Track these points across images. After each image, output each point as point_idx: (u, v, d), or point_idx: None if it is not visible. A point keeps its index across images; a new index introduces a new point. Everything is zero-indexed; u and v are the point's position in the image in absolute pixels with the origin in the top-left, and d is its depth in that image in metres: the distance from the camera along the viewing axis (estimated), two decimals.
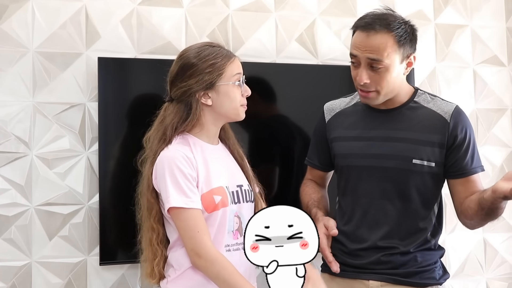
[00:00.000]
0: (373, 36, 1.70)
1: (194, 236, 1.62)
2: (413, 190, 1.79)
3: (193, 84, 1.69)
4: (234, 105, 1.72)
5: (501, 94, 2.85)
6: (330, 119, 1.92)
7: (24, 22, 2.23)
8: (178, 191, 1.62)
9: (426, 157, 1.76)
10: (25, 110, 2.21)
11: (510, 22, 2.88)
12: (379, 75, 1.72)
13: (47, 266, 2.21)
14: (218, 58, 1.70)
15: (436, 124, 1.77)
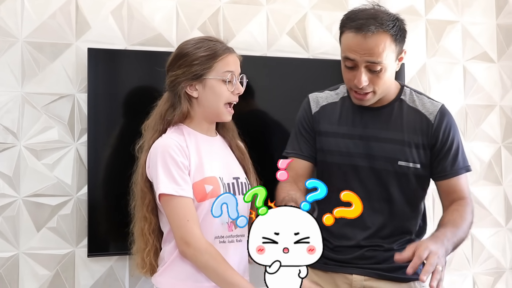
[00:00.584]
0: (371, 37, 1.65)
1: (184, 224, 1.61)
2: (398, 192, 1.79)
3: (180, 74, 1.70)
4: (217, 101, 1.71)
5: (490, 91, 2.87)
6: (317, 111, 1.88)
7: (13, 11, 2.21)
8: (169, 179, 1.62)
9: (411, 159, 1.76)
10: (13, 100, 2.20)
11: (500, 18, 2.90)
12: (377, 77, 1.70)
13: (34, 258, 2.20)
14: (209, 51, 1.70)
15: (421, 125, 1.78)
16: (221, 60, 1.70)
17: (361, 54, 1.66)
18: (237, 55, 1.77)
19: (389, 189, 1.78)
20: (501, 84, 2.89)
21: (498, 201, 2.84)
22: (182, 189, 1.62)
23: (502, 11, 2.91)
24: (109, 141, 2.26)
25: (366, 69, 1.69)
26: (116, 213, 2.23)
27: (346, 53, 1.70)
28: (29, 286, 2.18)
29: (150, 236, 1.71)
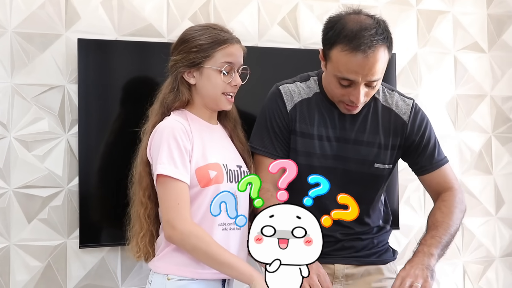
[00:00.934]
0: (372, 56, 1.59)
1: (173, 207, 1.59)
2: (372, 192, 1.83)
3: (179, 60, 1.70)
4: (214, 91, 1.69)
5: (481, 81, 2.88)
6: (292, 108, 1.80)
7: (2, 2, 2.19)
8: (169, 161, 1.59)
9: (386, 161, 1.79)
10: (3, 92, 2.18)
11: (491, 8, 2.90)
12: (373, 89, 1.69)
13: (26, 249, 2.19)
14: (210, 40, 1.67)
15: (396, 125, 1.79)
16: (221, 50, 1.67)
17: (363, 75, 1.61)
18: (240, 46, 1.73)
19: (364, 190, 1.78)
20: (491, 74, 2.90)
21: (488, 190, 2.87)
22: (180, 173, 1.60)
23: (493, 1, 2.92)
24: (100, 132, 2.26)
25: (364, 85, 1.65)
26: (107, 204, 2.28)
27: (343, 74, 1.62)
28: (21, 278, 2.18)
29: (145, 221, 1.70)
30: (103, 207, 2.26)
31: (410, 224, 2.67)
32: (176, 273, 1.64)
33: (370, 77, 1.62)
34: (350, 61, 1.60)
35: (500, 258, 2.88)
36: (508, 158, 2.91)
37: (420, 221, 2.68)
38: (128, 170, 1.86)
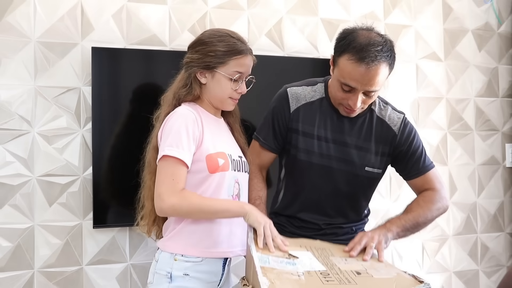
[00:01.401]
0: (373, 69, 1.58)
1: (167, 181, 1.52)
2: (362, 192, 1.83)
3: (195, 59, 1.63)
4: (221, 94, 1.65)
5: (439, 85, 2.92)
6: (296, 109, 1.79)
7: (27, 15, 2.22)
8: (177, 143, 1.53)
9: (376, 165, 1.79)
10: (27, 93, 2.21)
11: (447, 24, 2.95)
12: (370, 98, 1.68)
13: (47, 229, 2.23)
14: (226, 48, 1.61)
15: (387, 136, 1.78)
16: (235, 59, 1.62)
17: (363, 84, 1.61)
18: (252, 57, 1.67)
19: (354, 189, 1.80)
20: (447, 80, 2.94)
21: (443, 179, 2.82)
22: (184, 154, 1.53)
23: (448, 17, 2.95)
24: (111, 127, 2.28)
25: (362, 94, 1.65)
26: (117, 190, 2.29)
27: (346, 80, 1.62)
28: (43, 253, 2.21)
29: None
30: (113, 192, 2.28)
31: (378, 208, 2.67)
32: (183, 252, 1.59)
33: (368, 87, 1.61)
34: (354, 70, 1.59)
35: (453, 237, 2.92)
36: (461, 151, 2.96)
37: (387, 205, 2.74)
38: (135, 161, 1.76)
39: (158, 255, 1.64)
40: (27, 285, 2.20)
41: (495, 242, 3.03)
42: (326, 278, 1.36)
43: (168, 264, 1.59)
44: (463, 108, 2.99)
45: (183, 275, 1.58)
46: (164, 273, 1.59)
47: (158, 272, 1.61)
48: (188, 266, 1.59)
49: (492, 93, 3.06)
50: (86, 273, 2.28)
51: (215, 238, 1.61)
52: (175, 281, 1.58)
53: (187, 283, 1.58)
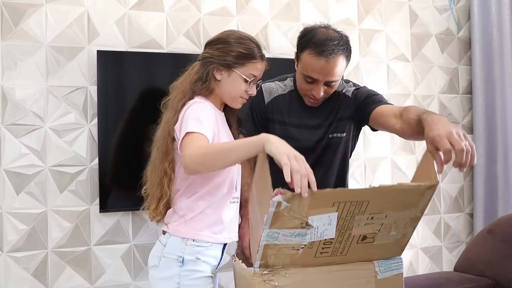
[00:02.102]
0: (331, 61, 1.59)
1: (190, 144, 1.39)
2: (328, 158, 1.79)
3: (215, 56, 1.56)
4: (234, 93, 1.59)
5: (407, 83, 2.95)
6: (270, 101, 1.81)
7: (39, 23, 2.22)
8: (197, 122, 1.44)
9: (339, 130, 1.76)
10: (40, 92, 2.22)
11: (413, 29, 2.98)
12: (331, 88, 1.69)
13: (59, 213, 2.24)
14: (246, 51, 1.56)
15: (345, 102, 1.76)
16: (253, 63, 1.57)
17: (323, 75, 1.61)
18: (266, 63, 1.62)
19: (321, 156, 1.78)
20: (414, 78, 2.97)
21: (412, 166, 2.94)
22: (206, 130, 1.43)
23: (414, 23, 2.98)
24: (115, 122, 2.28)
25: (324, 84, 1.65)
26: (121, 178, 2.29)
27: (308, 73, 1.63)
28: (56, 235, 2.23)
29: (168, 188, 1.55)
30: (118, 180, 2.28)
31: None
32: (194, 237, 1.51)
33: (329, 78, 1.62)
34: (314, 63, 1.60)
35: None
36: None
37: None
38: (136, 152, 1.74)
39: (166, 239, 1.54)
40: (42, 263, 2.22)
41: (456, 221, 3.09)
42: (324, 249, 1.31)
43: (179, 248, 1.51)
44: (428, 103, 3.02)
45: (195, 259, 1.51)
46: (174, 257, 1.51)
47: (167, 256, 1.52)
48: (200, 251, 1.52)
49: (453, 90, 3.10)
50: (94, 253, 2.30)
51: (220, 224, 1.55)
52: (187, 264, 1.50)
53: (199, 267, 1.52)
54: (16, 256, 2.18)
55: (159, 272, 1.52)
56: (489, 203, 3.03)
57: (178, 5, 2.47)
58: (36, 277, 2.20)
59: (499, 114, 2.99)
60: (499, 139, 3.00)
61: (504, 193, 2.98)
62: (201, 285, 1.52)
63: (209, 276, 1.55)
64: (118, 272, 2.33)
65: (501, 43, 2.97)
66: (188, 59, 2.32)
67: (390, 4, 2.92)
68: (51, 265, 2.22)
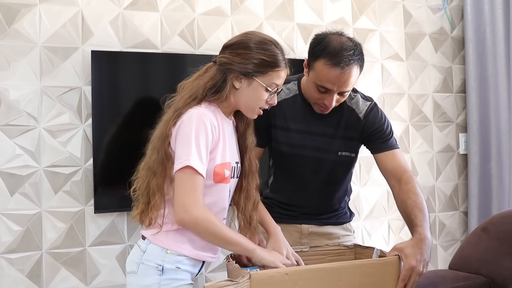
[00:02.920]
0: (347, 72, 1.56)
1: (191, 192, 1.36)
2: (340, 175, 1.80)
3: (236, 63, 1.43)
4: (253, 103, 1.47)
5: (401, 82, 2.97)
6: (273, 107, 1.67)
7: (33, 23, 2.22)
8: (199, 155, 1.36)
9: (348, 149, 1.76)
10: (34, 92, 2.21)
11: (407, 28, 3.00)
12: (344, 97, 1.67)
13: (53, 214, 2.23)
14: (270, 59, 1.43)
15: (355, 122, 1.74)
16: (276, 71, 1.44)
17: (338, 86, 1.59)
18: (288, 70, 1.49)
19: (333, 173, 1.78)
20: (408, 78, 2.98)
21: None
22: (204, 168, 1.38)
23: (408, 23, 2.99)
24: (109, 123, 2.28)
25: (337, 94, 1.63)
26: (115, 179, 2.23)
27: (322, 83, 1.59)
28: (50, 236, 2.22)
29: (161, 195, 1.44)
30: (112, 181, 2.26)
31: None
32: (174, 249, 1.43)
33: (343, 88, 1.60)
34: (329, 73, 1.57)
35: None
36: (421, 140, 2.99)
37: (357, 189, 2.74)
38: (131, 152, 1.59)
39: (145, 245, 1.45)
40: (36, 264, 2.21)
41: (450, 219, 3.11)
42: None
43: (159, 256, 1.43)
44: (422, 102, 3.04)
45: (175, 268, 1.43)
46: (153, 265, 1.43)
47: (146, 263, 1.43)
48: (180, 260, 1.44)
49: (447, 89, 3.12)
50: (89, 253, 2.30)
51: (203, 241, 1.45)
52: (167, 273, 1.42)
53: (179, 275, 1.44)
54: (10, 257, 2.17)
55: (138, 280, 1.45)
56: (483, 201, 3.05)
57: (172, 5, 2.47)
58: (31, 278, 2.20)
59: (492, 112, 3.01)
60: (493, 138, 3.02)
61: (498, 191, 2.99)
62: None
63: (190, 284, 1.49)
64: (114, 273, 2.33)
65: (494, 42, 2.99)
66: (183, 59, 2.40)
67: (384, 3, 2.93)
68: (45, 266, 2.22)
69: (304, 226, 1.83)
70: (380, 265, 1.35)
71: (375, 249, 1.52)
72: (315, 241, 1.79)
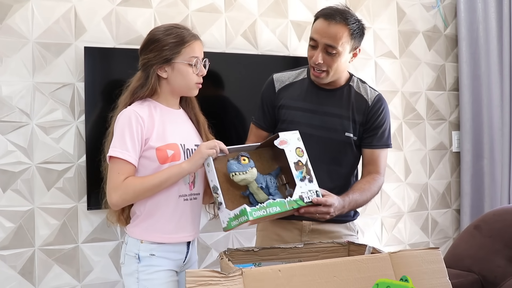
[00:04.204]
0: (333, 25, 1.67)
1: (113, 177, 1.51)
2: (343, 156, 1.81)
3: (152, 58, 1.59)
4: (186, 82, 1.62)
5: (395, 80, 2.98)
6: (280, 89, 1.85)
7: (25, 18, 2.20)
8: (121, 144, 1.52)
9: (353, 132, 1.79)
10: (26, 88, 2.21)
11: (401, 26, 3.01)
12: (331, 59, 1.71)
13: (46, 211, 2.23)
14: (177, 38, 1.59)
15: (362, 106, 1.80)
16: (188, 46, 1.59)
17: (322, 36, 1.68)
18: (201, 41, 1.65)
19: (337, 154, 1.80)
20: (402, 75, 2.99)
21: (399, 163, 2.98)
22: (129, 155, 1.51)
23: (401, 20, 3.01)
24: (102, 119, 2.15)
25: (324, 50, 1.70)
26: None
27: (312, 34, 1.72)
28: (43, 233, 2.21)
29: None
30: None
31: None
32: (147, 238, 1.58)
33: (326, 40, 1.68)
34: (317, 24, 1.72)
35: (407, 213, 2.99)
36: (414, 138, 3.02)
37: None
38: None
39: (127, 239, 1.64)
40: (29, 261, 2.21)
41: (443, 217, 3.13)
42: None
43: (135, 246, 1.59)
44: (415, 100, 3.05)
45: (149, 255, 1.58)
46: (133, 255, 1.60)
47: (128, 253, 1.61)
48: (154, 248, 1.59)
49: (440, 87, 3.13)
50: (82, 250, 2.29)
51: (170, 224, 1.59)
52: (143, 261, 1.58)
53: (154, 262, 1.58)
54: (2, 254, 2.16)
55: (124, 269, 1.63)
56: (475, 199, 3.07)
57: (166, 2, 2.47)
58: (23, 275, 2.19)
59: (485, 110, 3.02)
60: (486, 136, 3.03)
61: (490, 189, 3.02)
62: (159, 278, 1.59)
63: (170, 270, 1.61)
64: (106, 270, 2.33)
65: (487, 40, 3.01)
66: None
67: (377, 1, 2.94)
68: (38, 263, 2.22)
69: (305, 223, 1.82)
70: (373, 261, 1.37)
71: (367, 246, 1.53)
72: (316, 240, 1.76)
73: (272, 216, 1.53)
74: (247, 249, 1.53)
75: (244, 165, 1.54)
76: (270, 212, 1.49)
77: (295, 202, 1.54)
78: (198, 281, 1.16)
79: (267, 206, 1.49)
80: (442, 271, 1.40)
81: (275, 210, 1.50)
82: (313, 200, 1.58)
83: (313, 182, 1.59)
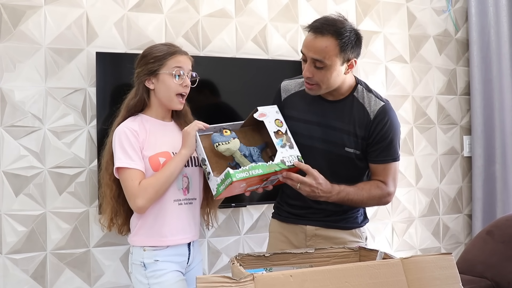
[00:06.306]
0: (319, 39, 1.61)
1: (129, 184, 1.62)
2: (343, 170, 1.75)
3: (141, 71, 1.73)
4: (168, 93, 1.71)
5: (405, 84, 2.97)
6: (286, 98, 1.84)
7: (38, 24, 2.23)
8: (124, 155, 1.64)
9: (355, 146, 1.73)
10: (39, 93, 2.22)
11: (411, 30, 3.00)
12: (320, 72, 1.65)
13: (58, 215, 2.24)
14: (162, 52, 1.71)
15: (364, 120, 1.73)
16: (172, 58, 1.70)
17: (308, 50, 1.63)
18: (188, 57, 1.75)
19: (336, 168, 1.75)
20: (412, 80, 2.98)
21: (410, 167, 2.96)
22: (135, 163, 1.64)
23: (412, 25, 3.00)
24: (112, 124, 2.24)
25: (312, 64, 1.64)
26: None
27: (301, 48, 1.68)
28: (55, 237, 2.23)
29: (111, 200, 1.73)
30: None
31: None
32: (148, 243, 1.69)
33: (311, 54, 1.62)
34: (306, 38, 1.66)
35: (418, 218, 2.98)
36: (425, 143, 3.00)
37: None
38: None
39: (132, 248, 1.75)
40: (41, 265, 2.22)
41: (454, 222, 3.10)
42: None
43: (139, 254, 1.70)
44: (426, 104, 3.04)
45: (154, 261, 1.69)
46: (138, 263, 1.71)
47: (134, 263, 1.72)
48: (156, 253, 1.69)
49: (451, 91, 3.12)
50: (93, 254, 2.30)
51: (166, 227, 1.69)
52: (149, 267, 1.69)
53: (159, 266, 1.69)
54: (15, 258, 2.17)
55: (134, 278, 1.74)
56: (487, 204, 3.04)
57: (176, 7, 2.48)
58: (35, 279, 2.20)
59: (497, 115, 3.00)
60: (497, 140, 3.01)
61: (502, 194, 2.99)
62: (169, 280, 1.69)
63: (176, 271, 1.71)
64: (117, 274, 2.33)
65: (498, 44, 2.99)
66: None
67: (388, 5, 2.93)
68: (50, 267, 2.22)
69: (309, 228, 1.82)
70: (385, 266, 1.35)
71: (379, 251, 1.52)
72: (320, 245, 1.77)
73: (255, 178, 1.58)
74: (258, 254, 1.52)
75: (226, 136, 1.66)
76: (252, 174, 1.56)
77: (276, 165, 1.60)
78: (209, 287, 1.15)
79: (250, 168, 1.57)
80: (455, 277, 1.38)
81: (257, 172, 1.57)
82: (295, 163, 1.63)
83: (294, 149, 1.66)
